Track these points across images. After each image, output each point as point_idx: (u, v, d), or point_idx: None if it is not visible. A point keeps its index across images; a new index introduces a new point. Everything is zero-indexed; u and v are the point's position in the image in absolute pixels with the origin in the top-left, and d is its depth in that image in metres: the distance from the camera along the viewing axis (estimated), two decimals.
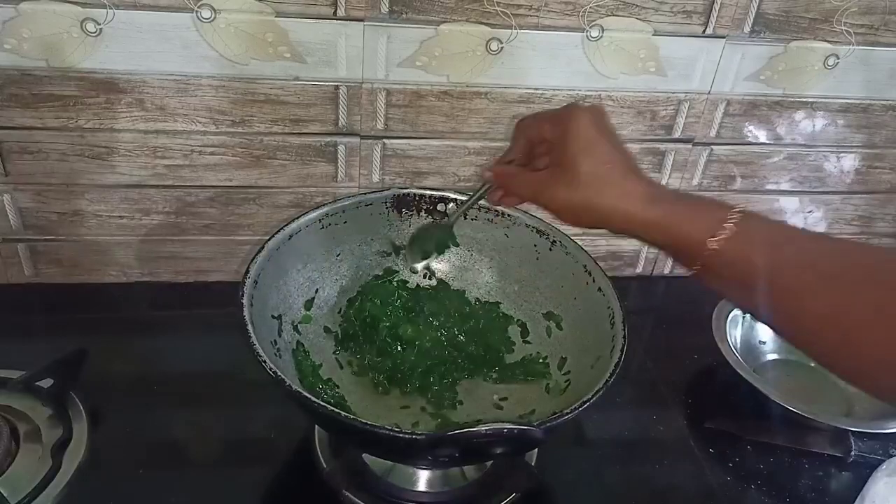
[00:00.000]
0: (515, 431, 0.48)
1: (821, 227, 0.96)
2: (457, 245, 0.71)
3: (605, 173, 0.47)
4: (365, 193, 0.70)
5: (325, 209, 0.67)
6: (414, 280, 0.74)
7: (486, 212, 0.71)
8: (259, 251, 0.61)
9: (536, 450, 0.67)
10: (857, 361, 0.41)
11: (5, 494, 0.57)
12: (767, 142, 0.87)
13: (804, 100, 0.84)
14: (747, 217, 0.44)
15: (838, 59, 0.81)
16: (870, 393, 0.43)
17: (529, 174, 0.53)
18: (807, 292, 0.42)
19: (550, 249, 0.69)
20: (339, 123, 0.76)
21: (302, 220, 0.66)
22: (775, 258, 0.43)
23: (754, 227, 0.44)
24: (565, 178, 0.48)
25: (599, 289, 0.63)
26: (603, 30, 0.74)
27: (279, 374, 0.51)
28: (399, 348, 0.68)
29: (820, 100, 0.84)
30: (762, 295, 0.44)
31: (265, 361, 0.51)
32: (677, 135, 0.84)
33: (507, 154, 0.56)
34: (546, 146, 0.53)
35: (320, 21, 0.69)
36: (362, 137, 0.78)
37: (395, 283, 0.73)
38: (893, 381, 0.40)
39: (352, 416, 0.49)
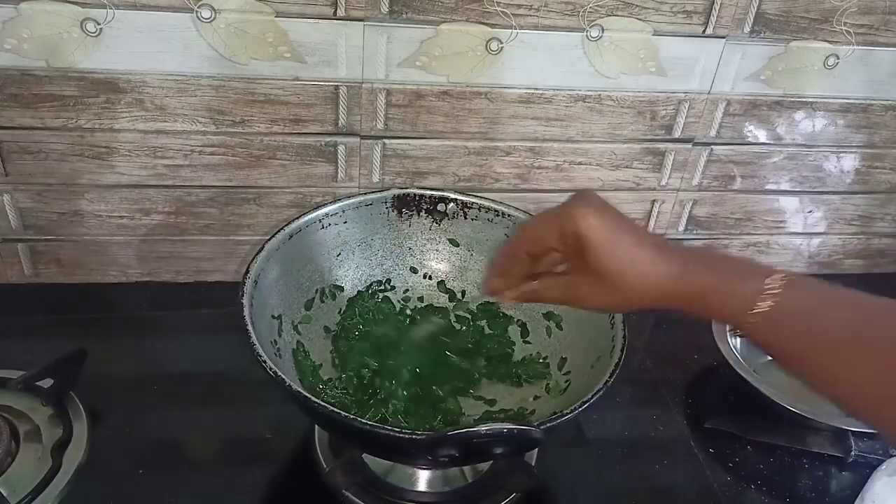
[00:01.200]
0: (515, 431, 0.48)
1: (821, 227, 0.96)
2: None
3: (636, 265, 0.46)
4: (365, 193, 0.70)
5: (325, 209, 0.67)
6: (411, 285, 0.74)
7: (486, 212, 0.71)
8: (259, 251, 0.61)
9: (536, 450, 0.67)
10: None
11: (5, 494, 0.57)
12: (767, 142, 0.87)
13: (804, 100, 0.84)
14: (788, 285, 0.43)
15: (838, 59, 0.81)
16: None
17: (556, 280, 0.51)
18: (842, 364, 0.42)
19: None
20: (339, 123, 0.76)
21: (302, 220, 0.66)
22: (813, 333, 0.43)
23: (794, 297, 0.43)
24: (600, 282, 0.47)
25: None
26: (603, 30, 0.74)
27: (279, 374, 0.51)
28: (394, 358, 0.68)
29: (820, 100, 0.84)
30: (798, 361, 0.44)
31: (265, 361, 0.51)
32: (677, 135, 0.84)
33: (509, 261, 0.52)
34: (551, 252, 0.51)
35: (320, 21, 0.69)
36: (362, 137, 0.78)
37: (390, 292, 0.73)
38: None
39: (352, 416, 0.49)
